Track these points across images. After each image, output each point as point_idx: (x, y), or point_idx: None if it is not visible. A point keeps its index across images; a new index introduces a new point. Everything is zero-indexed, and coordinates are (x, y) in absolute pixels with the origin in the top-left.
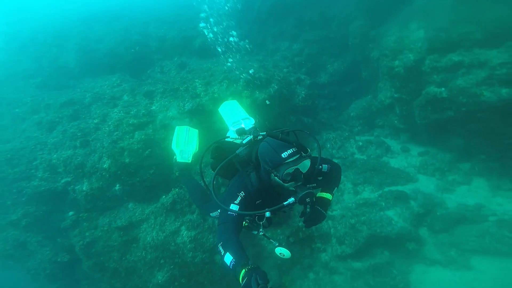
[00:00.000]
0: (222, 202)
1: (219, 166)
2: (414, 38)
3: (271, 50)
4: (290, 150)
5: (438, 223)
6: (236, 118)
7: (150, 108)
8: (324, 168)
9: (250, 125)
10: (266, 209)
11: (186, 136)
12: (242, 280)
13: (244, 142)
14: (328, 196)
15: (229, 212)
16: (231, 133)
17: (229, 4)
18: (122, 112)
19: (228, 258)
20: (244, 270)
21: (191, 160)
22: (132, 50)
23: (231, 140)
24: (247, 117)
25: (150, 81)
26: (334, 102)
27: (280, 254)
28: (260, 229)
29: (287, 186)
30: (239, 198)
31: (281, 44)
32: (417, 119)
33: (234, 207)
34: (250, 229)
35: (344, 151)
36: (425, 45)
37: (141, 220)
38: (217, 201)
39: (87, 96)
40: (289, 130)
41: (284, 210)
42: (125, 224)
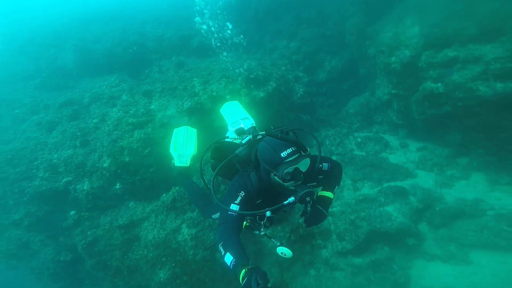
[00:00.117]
0: (222, 202)
1: (219, 166)
2: (410, 34)
3: (269, 48)
4: (289, 149)
5: (437, 218)
6: (235, 118)
7: (149, 107)
8: (324, 166)
9: (249, 125)
10: (266, 208)
11: (185, 137)
12: (242, 280)
13: (243, 142)
14: (329, 195)
15: (229, 212)
16: (230, 133)
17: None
18: (121, 112)
19: (228, 258)
20: (244, 270)
21: (189, 164)
22: (130, 50)
23: (230, 140)
24: (246, 117)
25: (148, 81)
26: (332, 99)
27: (281, 253)
28: (261, 229)
29: (287, 185)
30: (239, 198)
31: (279, 43)
32: (414, 114)
33: (234, 207)
34: (251, 229)
35: (343, 148)
36: (420, 41)
37: (142, 219)
38: (217, 201)
39: (86, 96)
40: (288, 129)
41: (284, 209)
42: (126, 223)
